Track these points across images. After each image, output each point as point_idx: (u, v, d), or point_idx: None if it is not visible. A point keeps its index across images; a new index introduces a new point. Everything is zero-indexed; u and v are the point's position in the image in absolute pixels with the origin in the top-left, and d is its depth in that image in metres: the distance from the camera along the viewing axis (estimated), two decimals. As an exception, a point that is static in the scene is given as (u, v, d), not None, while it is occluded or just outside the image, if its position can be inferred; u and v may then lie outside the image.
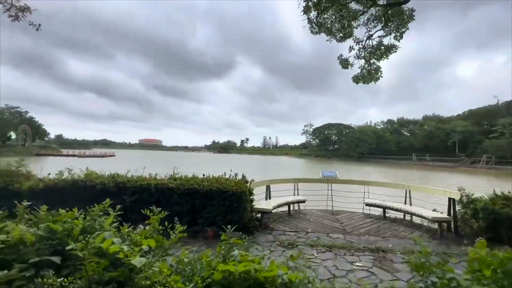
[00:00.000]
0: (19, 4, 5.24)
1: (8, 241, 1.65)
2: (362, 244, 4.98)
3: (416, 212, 6.08)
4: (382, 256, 4.47)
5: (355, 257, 4.41)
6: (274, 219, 6.64)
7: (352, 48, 6.08)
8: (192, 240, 5.06)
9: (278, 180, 8.04)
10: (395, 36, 5.55)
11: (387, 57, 5.67)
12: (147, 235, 2.23)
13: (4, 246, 1.66)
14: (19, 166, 5.67)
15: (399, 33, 5.52)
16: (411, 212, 6.28)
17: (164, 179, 5.79)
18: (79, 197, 5.12)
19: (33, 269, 1.55)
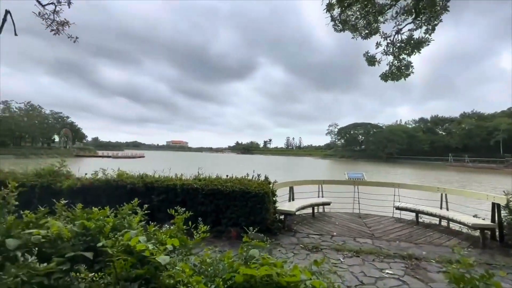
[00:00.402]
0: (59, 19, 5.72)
1: (48, 236, 1.78)
2: (392, 250, 4.70)
3: (453, 217, 5.61)
4: (415, 264, 4.17)
5: (384, 264, 4.16)
6: (298, 221, 6.52)
7: (379, 44, 5.77)
8: (216, 240, 5.13)
9: (302, 182, 7.89)
10: (427, 30, 5.18)
11: (419, 52, 5.30)
12: (172, 234, 2.29)
13: (45, 241, 1.80)
14: (61, 166, 6.19)
15: (431, 25, 5.13)
16: (448, 217, 5.80)
17: (189, 179, 5.95)
18: (112, 196, 5.45)
19: (69, 263, 1.66)
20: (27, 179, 5.83)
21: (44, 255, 1.73)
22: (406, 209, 6.56)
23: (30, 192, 5.66)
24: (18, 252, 1.47)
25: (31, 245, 1.78)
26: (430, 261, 4.28)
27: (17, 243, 1.71)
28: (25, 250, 1.69)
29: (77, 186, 5.63)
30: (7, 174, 6.18)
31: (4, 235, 1.74)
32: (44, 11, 5.53)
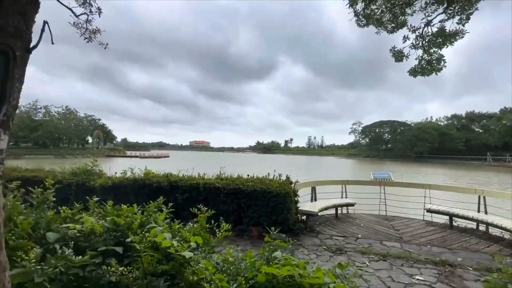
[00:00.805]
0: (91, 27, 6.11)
1: (83, 230, 1.91)
2: (423, 255, 4.43)
3: (494, 222, 5.15)
4: (449, 271, 3.89)
5: (414, 269, 3.93)
6: (321, 222, 6.38)
7: (407, 38, 5.44)
8: (238, 238, 5.18)
9: (325, 182, 7.71)
10: (460, 19, 4.79)
11: (452, 44, 4.92)
12: (195, 232, 2.35)
13: (80, 235, 1.93)
14: (93, 166, 6.62)
15: (464, 15, 4.74)
16: (487, 221, 5.34)
17: (211, 178, 6.07)
18: (139, 194, 5.72)
19: (101, 256, 1.76)
20: (64, 177, 6.30)
21: (79, 248, 1.85)
22: (438, 212, 6.15)
23: (67, 190, 6.12)
24: (57, 245, 1.58)
25: (68, 239, 1.92)
26: (467, 268, 3.97)
27: (56, 236, 1.85)
28: (62, 243, 1.82)
29: (109, 185, 5.98)
30: (48, 172, 6.73)
31: (44, 228, 1.89)
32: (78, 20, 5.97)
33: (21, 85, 0.90)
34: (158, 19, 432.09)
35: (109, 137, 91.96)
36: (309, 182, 7.21)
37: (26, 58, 0.90)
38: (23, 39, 0.87)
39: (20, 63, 0.86)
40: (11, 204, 1.82)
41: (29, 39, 0.92)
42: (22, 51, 0.87)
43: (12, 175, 6.58)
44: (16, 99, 0.89)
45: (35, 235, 1.83)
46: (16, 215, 1.79)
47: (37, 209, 2.05)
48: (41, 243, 1.80)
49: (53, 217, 1.99)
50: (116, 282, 1.58)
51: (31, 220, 1.77)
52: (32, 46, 0.92)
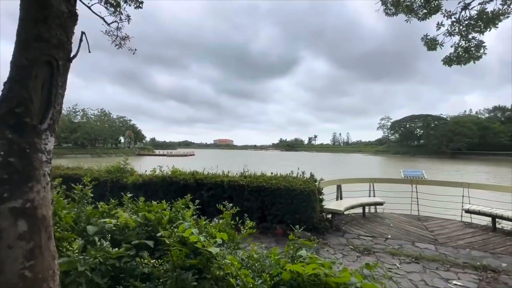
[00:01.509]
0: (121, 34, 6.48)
1: (118, 225, 2.05)
2: (461, 259, 4.12)
3: (545, 225, 4.63)
4: (492, 277, 3.58)
5: (451, 274, 3.68)
6: (347, 221, 6.20)
7: (441, 24, 5.04)
8: (262, 236, 5.22)
9: (351, 180, 7.47)
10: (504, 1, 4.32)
11: (496, 26, 4.46)
12: (221, 229, 2.41)
13: (116, 229, 2.07)
14: (125, 164, 7.05)
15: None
16: (537, 224, 4.82)
17: (235, 176, 6.16)
18: (167, 191, 5.99)
19: (134, 249, 1.88)
20: (100, 175, 6.79)
21: (115, 241, 1.99)
22: (479, 213, 5.67)
23: (103, 186, 6.59)
24: (96, 238, 1.72)
25: (105, 232, 2.07)
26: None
27: (95, 229, 2.01)
28: (101, 236, 1.97)
29: (139, 182, 6.33)
30: (86, 170, 7.29)
31: (85, 222, 2.06)
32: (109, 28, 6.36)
33: (63, 92, 1.00)
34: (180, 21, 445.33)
35: (139, 136, 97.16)
36: (334, 180, 7.03)
37: (68, 67, 0.99)
38: (65, 50, 0.96)
39: (63, 71, 0.95)
40: (56, 200, 2.00)
41: (70, 49, 1.01)
42: (64, 60, 0.96)
43: (55, 173, 7.24)
44: (60, 104, 0.98)
45: (77, 228, 2.01)
46: (60, 209, 1.97)
47: (78, 204, 2.24)
48: (82, 235, 1.97)
49: (92, 212, 2.16)
50: (148, 273, 1.68)
51: (73, 214, 1.93)
52: (72, 56, 1.01)
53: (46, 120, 0.90)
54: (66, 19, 0.94)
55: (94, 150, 65.88)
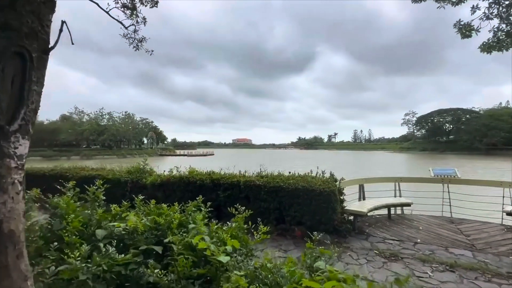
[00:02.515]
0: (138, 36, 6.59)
1: (127, 228, 1.99)
2: (504, 268, 3.67)
3: None
4: (543, 291, 3.13)
5: (494, 285, 3.27)
6: (371, 223, 5.84)
7: (477, 7, 4.55)
8: (280, 238, 5.04)
9: (374, 179, 7.05)
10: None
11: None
12: (233, 233, 2.28)
13: (125, 233, 2.01)
14: (145, 165, 7.19)
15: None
16: None
17: (252, 176, 6.03)
18: (184, 191, 5.99)
19: (142, 255, 1.80)
20: (121, 175, 6.97)
21: (125, 245, 1.93)
22: (523, 216, 5.07)
23: (124, 186, 6.76)
24: (101, 243, 1.65)
25: (115, 236, 2.02)
26: None
27: (103, 233, 1.95)
28: (109, 240, 1.91)
29: (158, 182, 6.40)
30: (108, 171, 7.52)
31: (95, 226, 2.02)
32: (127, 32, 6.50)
33: (40, 88, 0.91)
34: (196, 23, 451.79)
35: (160, 137, 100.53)
36: (356, 180, 6.67)
37: (44, 60, 0.90)
38: (40, 40, 0.87)
39: (38, 65, 0.86)
40: (66, 203, 1.97)
41: (47, 40, 0.91)
42: (39, 52, 0.87)
43: (80, 174, 7.55)
44: (36, 103, 0.89)
45: (86, 232, 1.97)
46: (70, 213, 1.94)
47: (90, 207, 2.21)
48: (91, 239, 1.92)
49: (102, 215, 2.12)
50: (154, 283, 1.58)
51: (81, 218, 1.89)
52: (50, 47, 0.92)
53: (16, 120, 0.81)
54: (40, 4, 0.85)
55: (119, 151, 69.08)
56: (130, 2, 6.60)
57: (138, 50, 6.94)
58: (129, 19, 6.72)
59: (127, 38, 6.82)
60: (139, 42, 6.77)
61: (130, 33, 6.74)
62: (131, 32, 6.73)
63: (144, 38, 6.81)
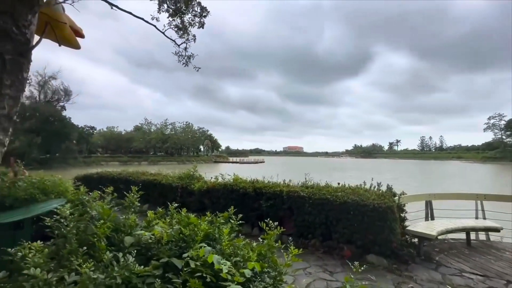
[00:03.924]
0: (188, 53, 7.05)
1: (152, 238, 1.96)
2: None
3: None
4: None
5: None
6: (442, 249, 4.82)
7: None
8: (326, 256, 4.54)
9: (446, 195, 5.88)
10: None
11: None
12: (262, 252, 2.05)
13: (151, 242, 1.98)
14: (194, 171, 7.55)
15: None
16: None
17: (296, 186, 5.69)
18: (228, 198, 5.99)
19: (161, 268, 1.72)
20: (173, 181, 7.44)
21: (146, 256, 1.89)
22: None
23: (175, 191, 7.19)
24: (120, 253, 1.62)
25: (142, 244, 2.01)
26: None
27: (131, 240, 1.96)
28: (135, 249, 1.90)
29: (204, 188, 6.60)
30: (163, 176, 8.13)
31: (125, 232, 2.05)
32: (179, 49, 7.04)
33: (16, 92, 0.88)
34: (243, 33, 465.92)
35: (215, 145, 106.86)
36: (421, 195, 5.65)
37: (21, 62, 0.88)
38: (14, 42, 0.85)
39: (12, 68, 0.84)
40: (101, 208, 2.06)
41: (23, 41, 0.89)
42: (14, 54, 0.84)
43: (141, 178, 8.36)
44: (9, 108, 0.86)
45: (117, 238, 2.01)
46: (105, 218, 2.01)
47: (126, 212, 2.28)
48: (119, 246, 1.95)
49: (134, 222, 2.15)
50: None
51: (109, 224, 1.93)
52: (29, 47, 0.90)
53: None
54: (14, 3, 0.82)
55: (180, 158, 75.86)
56: (181, 23, 7.14)
57: (187, 66, 7.42)
58: (181, 38, 7.25)
59: (178, 55, 7.36)
60: (188, 58, 7.25)
61: (181, 51, 7.26)
62: (182, 50, 7.25)
63: (193, 54, 7.25)
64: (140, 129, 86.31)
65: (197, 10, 6.75)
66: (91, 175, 10.06)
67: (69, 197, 3.47)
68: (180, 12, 6.58)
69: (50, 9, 3.24)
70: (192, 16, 6.67)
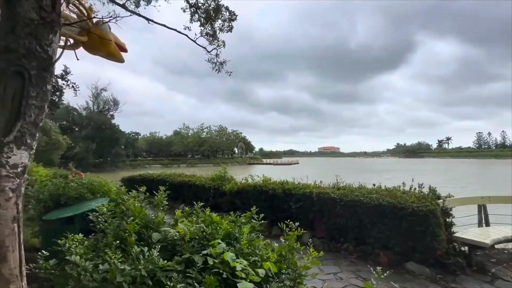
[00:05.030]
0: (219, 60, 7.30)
1: (176, 235, 2.06)
2: None
3: None
4: None
5: None
6: (500, 261, 4.21)
7: None
8: (360, 262, 4.30)
9: (504, 198, 5.12)
10: None
11: None
12: (282, 253, 2.03)
13: (176, 239, 2.09)
14: (225, 173, 7.77)
15: None
16: None
17: (327, 187, 5.50)
18: (258, 199, 6.02)
19: (183, 263, 1.81)
20: (206, 182, 7.75)
21: (172, 251, 2.00)
22: None
23: (208, 192, 7.48)
24: (145, 247, 1.74)
25: (169, 241, 2.13)
26: None
27: (158, 237, 2.10)
28: (162, 244, 2.03)
29: (235, 189, 6.75)
30: (197, 178, 8.52)
31: (153, 229, 2.20)
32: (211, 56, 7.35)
33: (41, 102, 1.02)
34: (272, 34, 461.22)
35: (249, 147, 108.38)
36: (472, 198, 5.02)
37: (44, 76, 1.01)
38: (38, 59, 0.98)
39: (37, 81, 0.97)
40: (133, 206, 2.24)
41: (45, 58, 1.02)
42: (38, 70, 0.98)
43: (177, 179, 8.87)
44: (35, 116, 1.00)
45: (146, 234, 2.16)
46: (136, 215, 2.19)
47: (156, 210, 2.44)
48: (148, 241, 2.10)
49: (162, 219, 2.30)
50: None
51: (138, 220, 2.09)
52: (52, 62, 1.02)
53: (12, 132, 0.92)
54: (37, 26, 0.96)
55: (215, 160, 78.65)
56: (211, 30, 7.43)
57: (219, 72, 7.71)
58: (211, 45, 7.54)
59: (211, 62, 7.67)
60: (221, 64, 7.53)
61: (213, 57, 7.56)
62: (213, 56, 7.55)
63: (225, 61, 7.53)
64: (179, 133, 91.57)
65: (226, 15, 6.99)
66: (135, 176, 10.99)
67: (111, 196, 3.84)
68: (210, 20, 6.87)
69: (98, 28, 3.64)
70: (222, 22, 6.93)
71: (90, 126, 51.21)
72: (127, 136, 63.39)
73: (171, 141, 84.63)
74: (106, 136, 50.94)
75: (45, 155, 30.63)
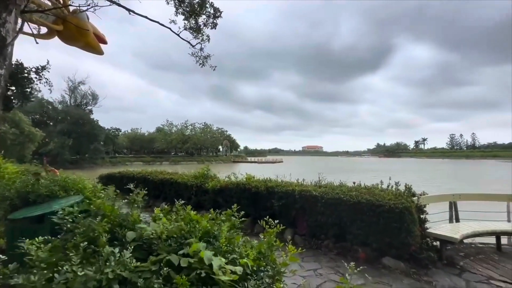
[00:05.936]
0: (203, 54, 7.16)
1: (153, 233, 1.99)
2: None
3: None
4: None
5: None
6: (468, 254, 4.47)
7: None
8: (339, 258, 4.40)
9: (472, 196, 5.45)
10: None
11: None
12: (261, 250, 2.01)
13: (153, 237, 2.01)
14: (207, 171, 7.65)
15: None
16: None
17: (309, 185, 5.56)
18: (241, 197, 5.99)
19: (158, 264, 1.74)
20: (189, 179, 7.59)
21: (147, 250, 1.92)
22: None
23: (190, 190, 7.33)
24: (116, 248, 1.66)
25: (144, 240, 2.05)
26: None
27: (133, 236, 2.01)
28: (137, 244, 1.94)
29: (217, 187, 6.67)
30: (179, 175, 8.32)
31: (128, 227, 2.10)
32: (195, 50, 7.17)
33: None
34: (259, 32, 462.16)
35: (234, 145, 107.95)
36: (444, 196, 5.29)
37: None
38: None
39: None
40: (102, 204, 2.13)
41: None
42: None
43: (159, 177, 8.63)
44: None
45: (121, 233, 2.06)
46: (108, 214, 2.08)
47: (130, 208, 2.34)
48: (122, 241, 2.00)
49: (137, 217, 2.21)
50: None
51: (108, 219, 1.99)
52: (4, 45, 0.93)
53: None
54: None
55: (199, 158, 77.60)
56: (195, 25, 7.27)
57: (204, 66, 7.55)
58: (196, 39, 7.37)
59: (195, 56, 7.50)
60: (205, 58, 7.37)
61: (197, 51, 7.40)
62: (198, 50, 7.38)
63: (209, 55, 7.39)
64: (162, 130, 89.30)
65: (211, 11, 6.84)
66: (114, 174, 10.57)
67: (86, 194, 3.65)
68: (194, 14, 6.69)
69: (75, 17, 3.39)
70: (206, 17, 6.77)
71: (67, 120, 48.66)
72: (106, 132, 60.90)
73: (153, 137, 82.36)
74: (84, 132, 48.61)
75: (16, 149, 28.70)
